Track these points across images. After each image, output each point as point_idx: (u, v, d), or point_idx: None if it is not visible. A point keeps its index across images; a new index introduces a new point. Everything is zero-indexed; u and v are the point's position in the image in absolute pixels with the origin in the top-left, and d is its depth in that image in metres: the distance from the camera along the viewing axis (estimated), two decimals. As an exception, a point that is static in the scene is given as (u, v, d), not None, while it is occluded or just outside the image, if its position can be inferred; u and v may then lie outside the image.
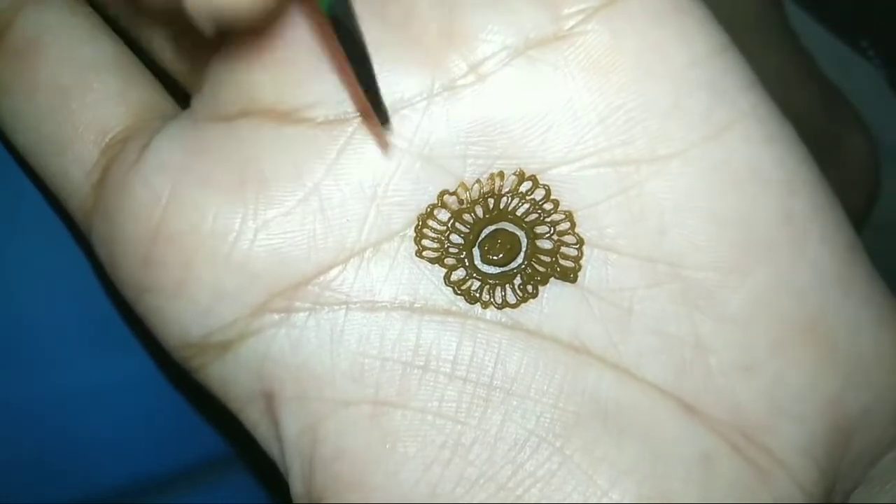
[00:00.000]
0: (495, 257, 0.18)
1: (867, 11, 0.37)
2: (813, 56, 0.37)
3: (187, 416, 0.26)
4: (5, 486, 0.24)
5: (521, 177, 0.17)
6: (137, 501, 0.26)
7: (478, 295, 0.18)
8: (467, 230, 0.18)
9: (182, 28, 0.20)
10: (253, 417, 0.19)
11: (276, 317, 0.17)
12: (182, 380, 0.26)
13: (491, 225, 0.18)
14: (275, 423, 0.18)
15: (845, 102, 0.36)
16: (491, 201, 0.18)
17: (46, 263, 0.25)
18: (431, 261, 0.18)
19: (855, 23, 0.37)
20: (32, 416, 0.24)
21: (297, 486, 0.18)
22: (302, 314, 0.17)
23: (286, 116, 0.17)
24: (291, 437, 0.18)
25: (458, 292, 0.17)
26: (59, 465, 0.25)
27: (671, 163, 0.17)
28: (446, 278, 0.18)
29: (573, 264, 0.18)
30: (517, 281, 0.18)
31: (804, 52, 0.36)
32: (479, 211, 0.18)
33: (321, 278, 0.17)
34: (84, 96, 0.19)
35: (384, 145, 0.17)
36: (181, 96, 0.20)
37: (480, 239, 0.18)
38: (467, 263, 0.18)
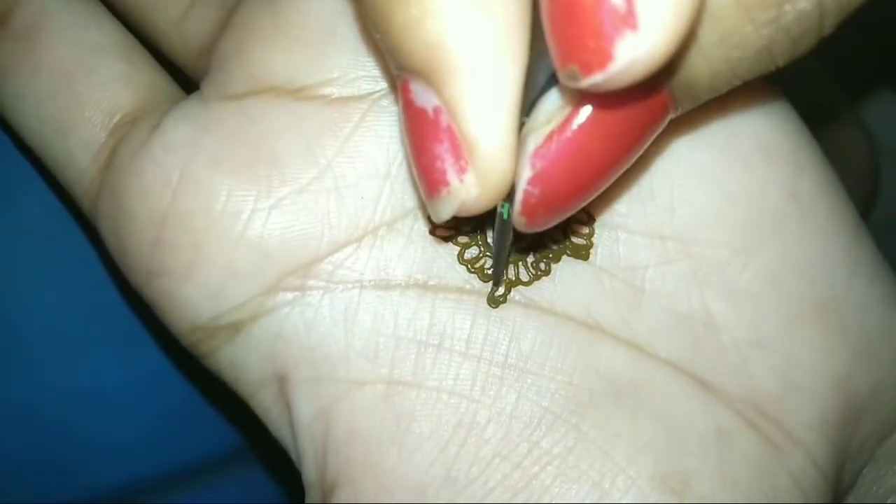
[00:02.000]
0: None
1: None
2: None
3: (188, 416, 0.26)
4: (5, 486, 0.24)
5: None
6: (138, 501, 0.25)
7: (491, 273, 0.17)
8: None
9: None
10: (265, 402, 0.18)
11: (289, 296, 0.17)
12: (184, 378, 0.26)
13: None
14: (287, 407, 0.18)
15: (844, 102, 0.36)
16: None
17: (46, 261, 0.24)
18: (445, 239, 0.17)
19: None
20: (32, 416, 0.24)
21: (309, 474, 0.18)
22: (316, 293, 0.17)
23: (298, 94, 0.17)
24: (304, 420, 0.18)
25: (472, 270, 0.17)
26: (59, 465, 0.24)
27: (679, 140, 0.17)
28: (460, 256, 0.17)
29: (585, 242, 0.18)
30: (530, 259, 0.18)
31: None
32: None
33: (335, 256, 0.17)
34: (89, 78, 0.19)
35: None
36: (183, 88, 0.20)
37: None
38: (480, 241, 0.18)
